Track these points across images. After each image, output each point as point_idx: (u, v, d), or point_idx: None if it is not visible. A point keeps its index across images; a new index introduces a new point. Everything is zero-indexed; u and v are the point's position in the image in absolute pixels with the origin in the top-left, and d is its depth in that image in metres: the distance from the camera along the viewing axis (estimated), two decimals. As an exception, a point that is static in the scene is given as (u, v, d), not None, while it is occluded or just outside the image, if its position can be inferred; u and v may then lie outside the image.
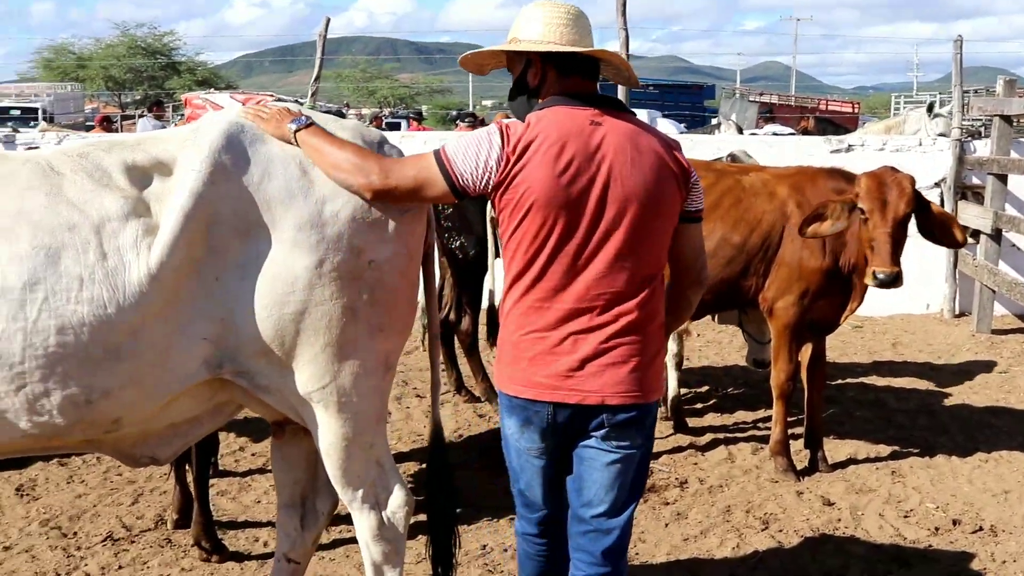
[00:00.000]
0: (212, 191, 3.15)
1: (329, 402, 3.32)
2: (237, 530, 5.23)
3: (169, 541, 5.06)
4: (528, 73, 3.32)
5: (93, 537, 5.13)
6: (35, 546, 5.03)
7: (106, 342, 3.13)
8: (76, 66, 51.11)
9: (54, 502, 5.59)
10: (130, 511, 5.46)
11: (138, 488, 5.76)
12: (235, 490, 5.76)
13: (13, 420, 3.18)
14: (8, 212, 3.12)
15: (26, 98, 34.87)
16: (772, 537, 5.12)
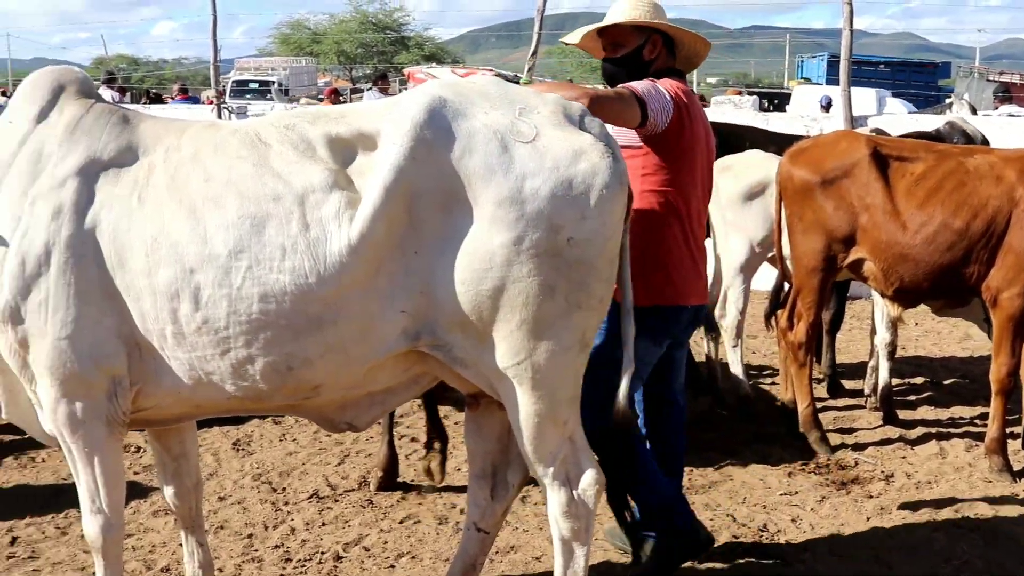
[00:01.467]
0: (414, 165, 3.18)
1: (524, 378, 3.32)
2: (436, 495, 5.35)
3: (371, 502, 5.23)
4: (645, 49, 4.27)
5: (300, 494, 5.36)
6: (247, 499, 5.30)
7: (307, 311, 3.22)
8: (311, 41, 53.10)
9: (266, 458, 5.87)
10: (336, 471, 5.67)
11: (345, 449, 5.98)
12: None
13: (219, 382, 3.34)
14: (219, 180, 3.26)
15: (263, 72, 36.46)
16: (980, 540, 4.86)
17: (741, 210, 6.70)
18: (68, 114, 3.45)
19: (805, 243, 5.96)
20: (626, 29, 4.27)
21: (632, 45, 4.28)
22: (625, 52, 4.30)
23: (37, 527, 4.98)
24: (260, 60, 43.49)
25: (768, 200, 6.54)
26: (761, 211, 6.65)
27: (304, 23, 56.22)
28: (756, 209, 6.68)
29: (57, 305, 3.27)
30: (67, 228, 3.28)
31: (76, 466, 3.52)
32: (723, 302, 6.79)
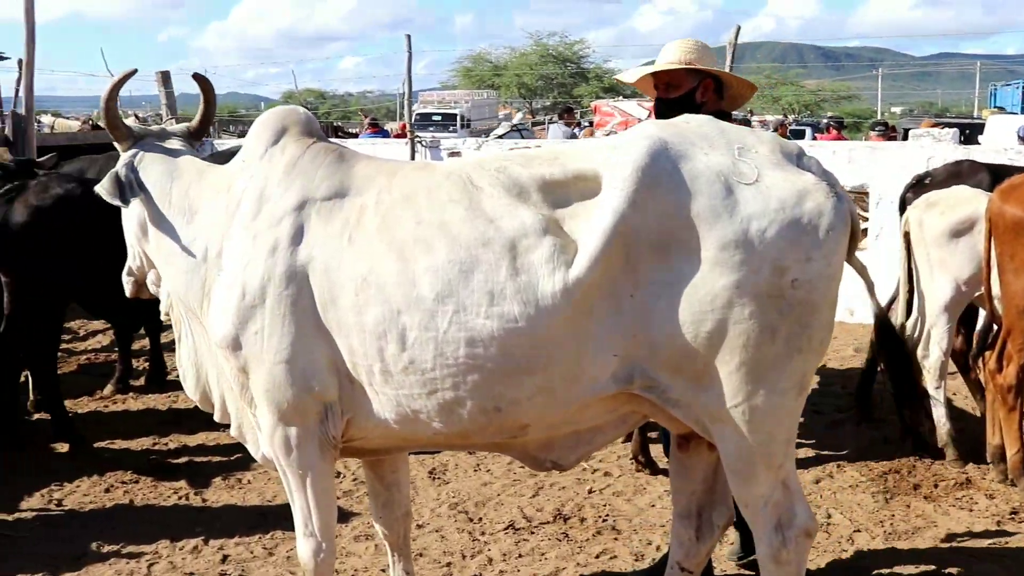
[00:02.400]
0: (634, 209, 3.16)
1: (740, 421, 3.28)
2: (632, 531, 5.33)
3: (566, 535, 5.24)
4: (697, 92, 4.49)
5: (496, 524, 5.41)
6: (444, 527, 5.38)
7: (515, 356, 3.25)
8: (492, 74, 53.93)
9: (462, 487, 5.95)
10: (531, 503, 5.70)
11: (539, 482, 6.00)
12: (631, 492, 5.86)
13: (426, 420, 3.41)
14: (430, 223, 3.31)
15: (446, 105, 37.22)
16: None
17: (947, 247, 6.47)
18: (288, 154, 3.61)
19: (1017, 283, 5.71)
20: (680, 72, 4.52)
21: (686, 87, 4.54)
22: (679, 94, 4.55)
23: (246, 547, 5.17)
24: (443, 93, 44.41)
25: (976, 238, 6.29)
26: (968, 249, 6.40)
27: (486, 56, 57.21)
28: (963, 247, 6.43)
29: (272, 334, 3.43)
30: (282, 263, 3.42)
31: (290, 489, 3.66)
32: (926, 342, 6.56)
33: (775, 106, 57.15)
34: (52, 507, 5.76)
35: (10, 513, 5.65)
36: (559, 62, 54.42)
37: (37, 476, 6.17)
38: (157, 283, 4.01)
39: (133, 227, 3.92)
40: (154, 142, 3.94)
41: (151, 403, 7.72)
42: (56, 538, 5.34)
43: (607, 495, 5.81)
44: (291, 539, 5.09)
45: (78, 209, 6.44)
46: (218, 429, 6.85)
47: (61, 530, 5.45)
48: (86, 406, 7.72)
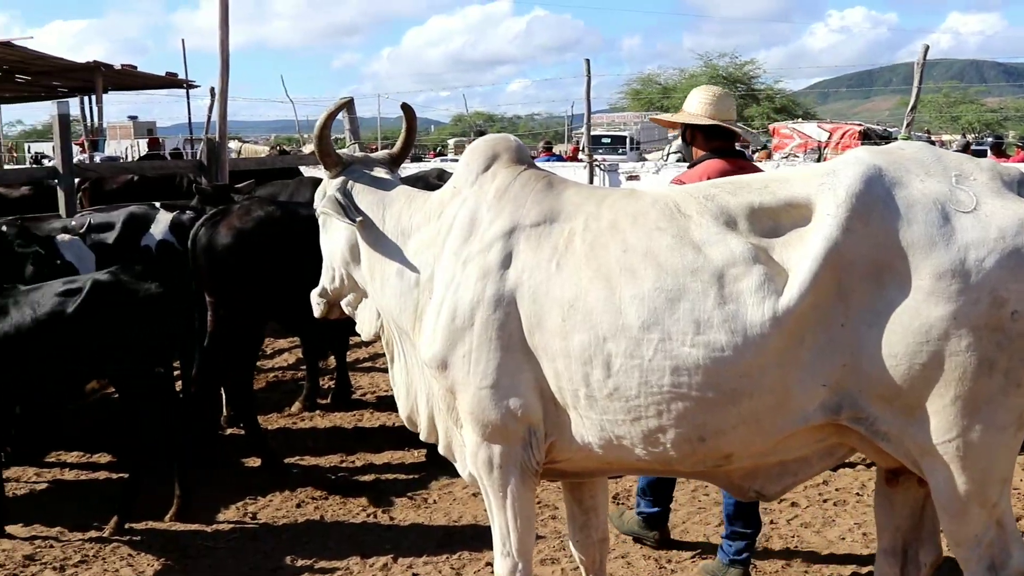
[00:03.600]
0: (848, 237, 3.11)
1: (953, 456, 3.17)
2: (821, 564, 5.20)
3: (754, 566, 5.15)
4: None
5: (682, 553, 5.36)
6: (629, 553, 5.36)
7: (721, 385, 3.22)
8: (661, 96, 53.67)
9: (646, 513, 5.89)
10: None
11: (724, 510, 5.91)
12: (819, 523, 5.73)
13: (629, 446, 3.41)
14: (637, 251, 3.32)
15: (616, 127, 37.22)
16: None
17: None
18: (499, 181, 3.68)
19: None
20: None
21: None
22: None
23: (434, 566, 5.24)
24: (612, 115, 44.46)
25: None
26: None
27: (655, 78, 56.97)
28: None
29: (480, 357, 3.50)
30: (491, 288, 3.49)
31: (491, 509, 3.71)
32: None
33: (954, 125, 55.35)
34: (247, 520, 5.97)
35: (208, 525, 5.88)
36: (729, 83, 53.78)
37: (232, 490, 6.40)
38: (353, 305, 4.13)
39: (340, 250, 4.06)
40: (362, 169, 4.08)
41: (338, 421, 7.92)
42: (252, 551, 5.52)
43: (795, 526, 5.69)
44: (477, 560, 5.19)
45: (278, 231, 6.67)
46: (403, 448, 7.01)
47: (256, 543, 5.63)
48: (275, 423, 7.98)
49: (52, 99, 29.83)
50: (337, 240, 4.06)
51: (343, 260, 4.06)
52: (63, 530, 5.81)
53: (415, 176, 9.00)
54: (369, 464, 6.92)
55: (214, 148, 11.24)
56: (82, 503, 6.22)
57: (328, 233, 4.13)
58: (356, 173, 4.06)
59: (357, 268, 4.02)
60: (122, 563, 5.38)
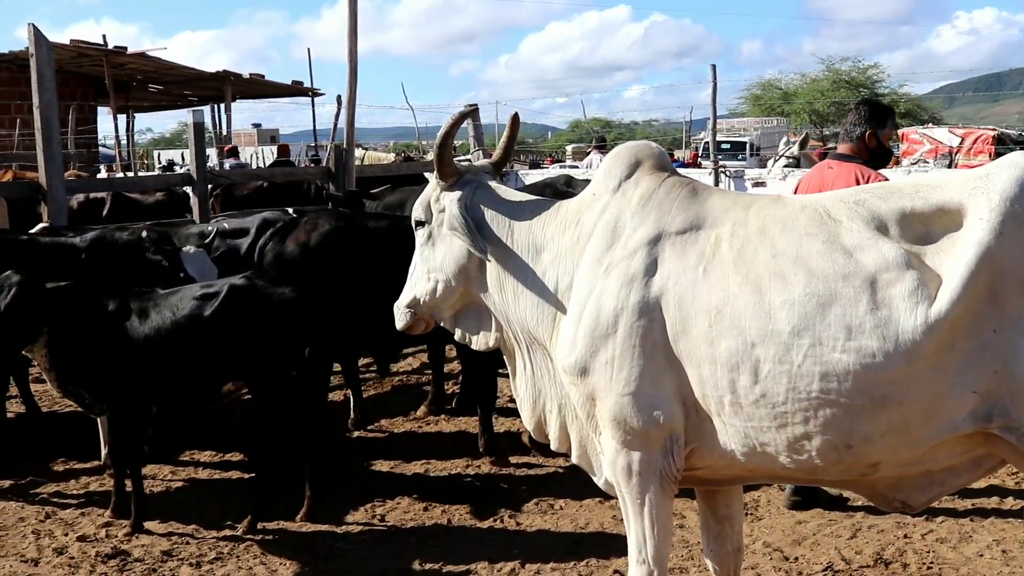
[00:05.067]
0: (1003, 242, 3.05)
1: None
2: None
3: (890, 582, 5.04)
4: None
5: (814, 565, 5.26)
6: (759, 564, 5.28)
7: (871, 391, 3.17)
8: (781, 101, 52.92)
9: (776, 524, 5.82)
10: (848, 544, 5.51)
11: (856, 523, 5.79)
12: (955, 539, 5.57)
13: (773, 453, 3.37)
14: (787, 256, 3.29)
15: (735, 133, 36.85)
16: None
17: None
18: (642, 187, 3.66)
19: None
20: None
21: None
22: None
23: (561, 572, 5.25)
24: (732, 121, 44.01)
25: None
26: None
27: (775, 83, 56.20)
28: None
29: (623, 364, 3.48)
30: (635, 295, 3.47)
31: (628, 516, 3.69)
32: None
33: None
34: (375, 522, 6.05)
35: (337, 526, 5.97)
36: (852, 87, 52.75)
37: (360, 493, 6.50)
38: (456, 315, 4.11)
39: (456, 261, 3.98)
40: (478, 180, 4.04)
41: (463, 425, 7.97)
42: (381, 553, 5.59)
43: (930, 541, 5.53)
44: (605, 568, 5.17)
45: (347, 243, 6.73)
46: (529, 454, 7.02)
47: (384, 545, 5.71)
48: (401, 426, 8.07)
49: (183, 107, 30.76)
50: (450, 251, 4.00)
51: (458, 272, 3.99)
52: (198, 528, 5.97)
53: (543, 183, 9.04)
54: (495, 469, 6.95)
55: (341, 155, 11.44)
56: (217, 502, 6.38)
57: (436, 244, 4.05)
58: (473, 185, 4.01)
59: (477, 280, 3.97)
60: (255, 561, 5.50)
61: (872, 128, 6.03)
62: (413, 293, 4.15)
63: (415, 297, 4.14)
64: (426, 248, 4.11)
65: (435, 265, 4.07)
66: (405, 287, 4.21)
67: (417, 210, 4.14)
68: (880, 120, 6.07)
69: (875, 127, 6.03)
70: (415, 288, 4.15)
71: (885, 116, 6.14)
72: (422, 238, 4.13)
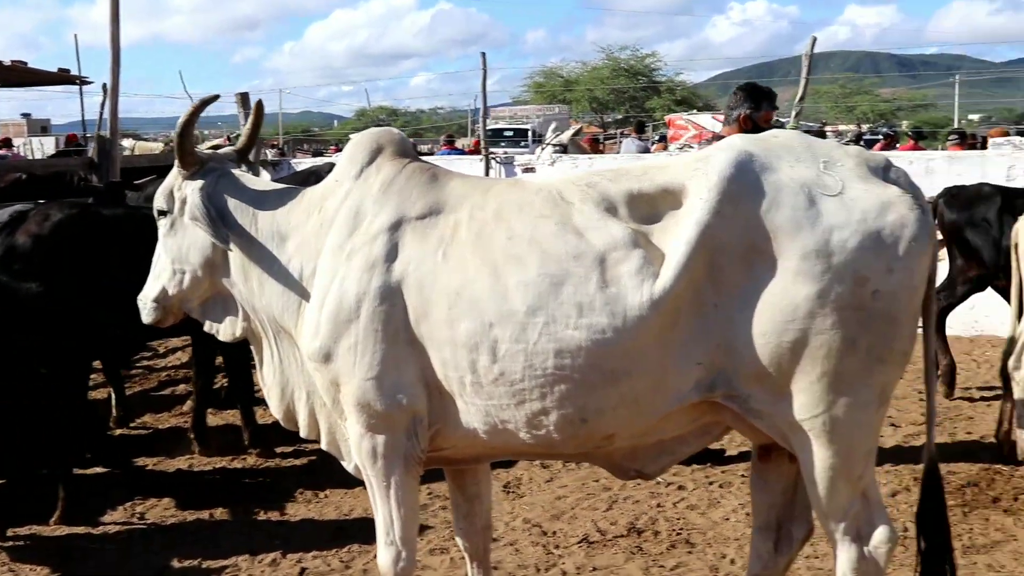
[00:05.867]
0: (719, 220, 3.19)
1: (820, 432, 3.27)
2: (706, 544, 5.30)
3: (640, 549, 5.23)
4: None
5: (570, 537, 5.41)
6: (518, 540, 5.40)
7: (602, 366, 3.29)
8: (563, 89, 53.87)
9: (536, 501, 5.96)
10: (605, 516, 5.69)
11: (613, 495, 6.00)
12: (705, 505, 5.84)
13: (514, 430, 3.46)
14: (522, 238, 3.38)
15: (518, 120, 37.30)
16: None
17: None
18: (383, 174, 3.68)
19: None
20: None
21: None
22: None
23: (323, 560, 5.23)
24: (514, 108, 44.50)
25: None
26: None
27: (557, 71, 57.12)
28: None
29: (365, 349, 3.50)
30: (377, 280, 3.49)
31: (375, 499, 3.72)
32: (1020, 353, 6.45)
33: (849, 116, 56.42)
34: (135, 521, 5.88)
35: (94, 527, 5.78)
36: (631, 76, 54.14)
37: (120, 492, 6.31)
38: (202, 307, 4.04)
39: (199, 252, 3.91)
40: (221, 168, 3.97)
41: (230, 419, 7.82)
42: (140, 552, 5.44)
43: (681, 508, 5.78)
44: (367, 552, 5.18)
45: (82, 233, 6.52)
46: (295, 444, 6.96)
47: (145, 544, 5.55)
48: (166, 422, 7.88)
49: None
50: (194, 241, 3.92)
51: (203, 262, 3.92)
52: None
53: (308, 171, 8.95)
54: (262, 462, 6.87)
55: (105, 145, 11.03)
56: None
57: (179, 234, 3.96)
58: (216, 174, 3.94)
59: (222, 269, 3.91)
60: (3, 569, 5.27)
61: (747, 111, 6.27)
62: (159, 285, 4.04)
63: (162, 289, 4.03)
64: (169, 238, 4.01)
65: (180, 256, 3.98)
66: (149, 279, 4.09)
67: (159, 199, 4.02)
68: (755, 102, 6.27)
69: (750, 109, 6.27)
70: (160, 279, 4.04)
71: (760, 98, 6.30)
72: (165, 228, 4.02)
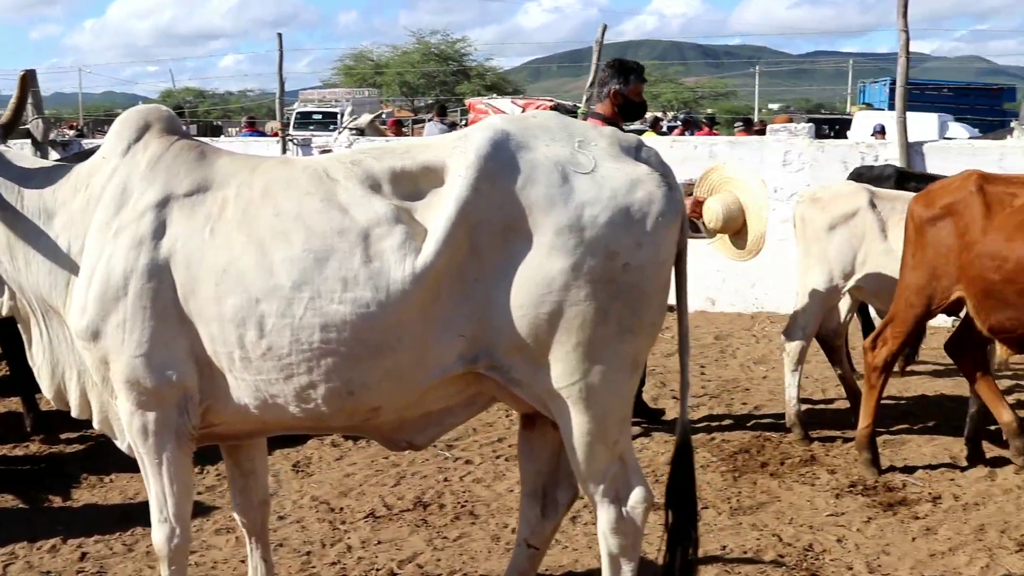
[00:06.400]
0: (477, 197, 3.33)
1: (577, 399, 3.46)
2: (489, 515, 5.48)
3: (425, 522, 5.36)
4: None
5: (357, 513, 5.51)
6: (305, 518, 5.46)
7: (367, 340, 3.39)
8: (374, 72, 53.62)
9: (325, 479, 6.03)
10: (392, 492, 5.81)
11: (401, 471, 6.12)
12: (490, 479, 6.02)
13: (283, 404, 3.52)
14: (287, 215, 3.44)
15: (327, 103, 36.92)
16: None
17: (824, 240, 6.80)
18: (151, 151, 3.68)
19: (910, 277, 5.94)
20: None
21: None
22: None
23: (105, 544, 5.17)
24: (324, 92, 43.99)
25: (851, 231, 6.69)
26: (844, 242, 6.75)
27: (367, 55, 56.82)
28: (838, 240, 6.77)
29: (134, 326, 3.50)
30: (144, 257, 3.49)
31: (147, 476, 3.73)
32: (790, 326, 6.88)
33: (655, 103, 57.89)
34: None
35: None
36: (441, 60, 54.31)
37: None
38: None
39: None
40: None
41: (12, 406, 7.59)
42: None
43: (467, 482, 5.95)
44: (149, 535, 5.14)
45: None
46: (83, 430, 6.83)
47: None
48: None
49: None
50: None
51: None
52: None
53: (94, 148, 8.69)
54: (45, 448, 6.71)
55: None
56: None
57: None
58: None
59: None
60: None
61: (616, 86, 6.41)
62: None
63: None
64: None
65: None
66: None
67: None
68: (623, 77, 6.43)
69: (619, 84, 6.41)
70: None
71: (628, 73, 6.46)
72: None
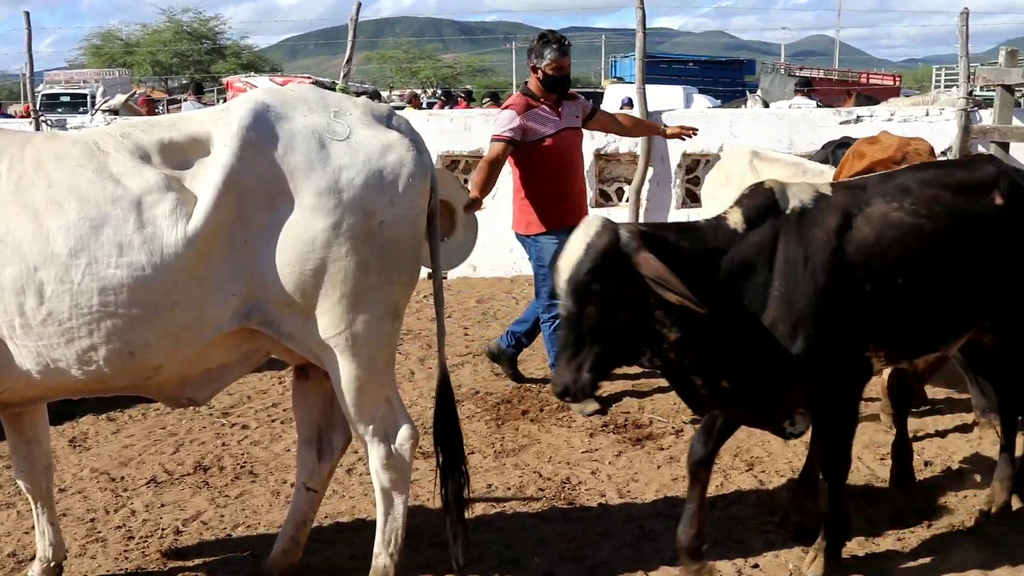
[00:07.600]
0: (242, 164, 3.63)
1: (344, 347, 3.81)
2: (268, 473, 5.76)
3: (207, 483, 5.58)
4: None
5: (138, 480, 5.67)
6: (86, 488, 5.57)
7: (144, 302, 3.61)
8: (124, 52, 51.91)
9: (103, 452, 6.13)
10: (172, 458, 5.99)
11: (179, 440, 6.30)
12: (267, 440, 6.28)
13: (66, 368, 3.69)
14: (61, 186, 3.61)
15: (75, 84, 35.61)
16: (755, 477, 5.53)
17: (714, 203, 7.18)
18: None
19: None
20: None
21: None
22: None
23: None
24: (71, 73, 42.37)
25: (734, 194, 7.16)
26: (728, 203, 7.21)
27: (116, 34, 54.97)
28: (725, 203, 7.21)
29: None
30: None
31: None
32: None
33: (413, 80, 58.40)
34: None
35: None
36: (195, 39, 53.11)
37: None
38: None
39: None
40: None
41: None
42: None
43: (244, 445, 6.20)
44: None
45: None
46: None
47: None
48: None
49: None
50: None
51: None
52: None
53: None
54: None
55: None
56: None
57: None
58: None
59: None
60: None
61: (535, 62, 6.71)
62: None
63: None
64: None
65: None
66: None
67: None
68: (539, 53, 6.72)
69: (536, 61, 6.70)
70: None
71: (543, 48, 6.73)
72: None
